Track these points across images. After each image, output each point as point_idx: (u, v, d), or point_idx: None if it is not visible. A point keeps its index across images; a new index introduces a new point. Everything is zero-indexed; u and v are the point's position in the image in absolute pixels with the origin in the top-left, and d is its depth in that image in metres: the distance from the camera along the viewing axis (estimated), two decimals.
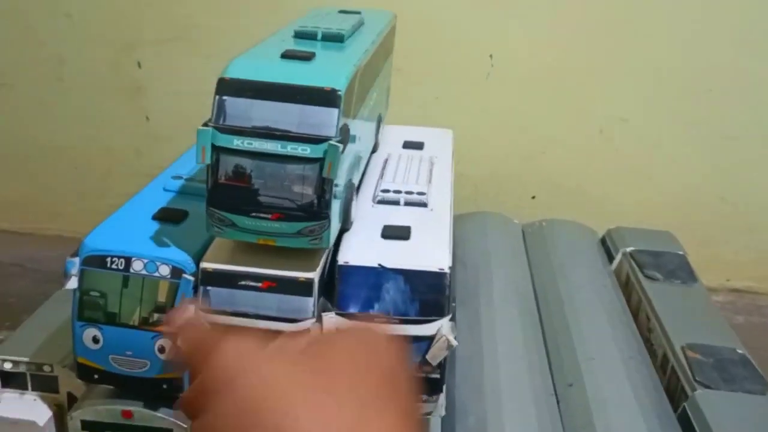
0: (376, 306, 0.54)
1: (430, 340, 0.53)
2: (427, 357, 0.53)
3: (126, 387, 0.57)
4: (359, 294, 0.54)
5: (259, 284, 0.53)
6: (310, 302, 0.53)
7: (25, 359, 0.61)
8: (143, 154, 1.09)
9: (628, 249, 0.86)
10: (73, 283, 0.54)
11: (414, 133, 0.82)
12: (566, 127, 1.03)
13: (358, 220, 0.61)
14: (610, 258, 0.87)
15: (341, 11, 0.73)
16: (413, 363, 0.53)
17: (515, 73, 1.01)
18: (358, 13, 0.72)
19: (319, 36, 0.59)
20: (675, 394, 0.64)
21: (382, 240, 0.57)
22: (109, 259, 0.54)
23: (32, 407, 0.60)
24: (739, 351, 0.66)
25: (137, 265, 0.54)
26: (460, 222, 0.92)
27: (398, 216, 0.62)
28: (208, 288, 0.53)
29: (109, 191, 1.07)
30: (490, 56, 1.00)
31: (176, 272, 0.53)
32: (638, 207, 1.04)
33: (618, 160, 1.04)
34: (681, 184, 1.05)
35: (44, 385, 0.61)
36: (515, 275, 0.81)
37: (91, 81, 1.08)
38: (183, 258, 0.54)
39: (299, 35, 0.59)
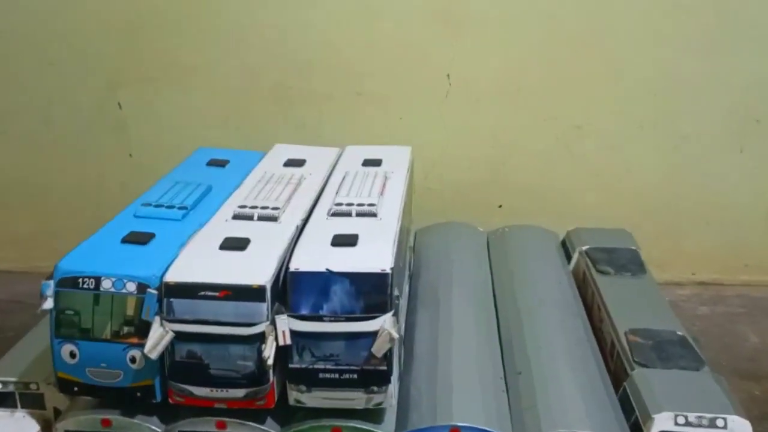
0: (325, 307, 0.59)
1: (374, 334, 0.58)
2: (373, 350, 0.58)
3: (104, 397, 0.62)
4: (309, 297, 0.59)
5: (217, 293, 0.58)
6: (263, 307, 0.58)
7: (14, 379, 0.66)
8: (129, 187, 1.15)
9: (584, 248, 0.91)
10: (49, 304, 0.59)
11: (373, 152, 0.88)
12: (525, 138, 1.09)
13: (312, 232, 0.67)
14: (569, 258, 0.92)
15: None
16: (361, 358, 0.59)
17: (473, 90, 1.07)
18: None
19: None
20: (618, 376, 0.68)
21: (332, 247, 0.63)
22: (81, 280, 0.59)
23: (21, 424, 0.65)
24: (679, 333, 0.71)
25: (106, 284, 0.59)
26: (427, 232, 0.98)
27: (349, 226, 0.67)
28: (172, 300, 0.58)
29: (101, 225, 1.13)
30: (448, 76, 1.06)
31: (142, 288, 0.59)
32: (599, 208, 1.09)
33: (577, 165, 1.09)
34: (638, 183, 1.09)
35: (32, 402, 0.67)
36: (475, 277, 0.85)
37: (76, 124, 1.15)
38: (148, 274, 0.59)
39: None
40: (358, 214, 0.69)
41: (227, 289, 0.58)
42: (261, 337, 0.58)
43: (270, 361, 0.58)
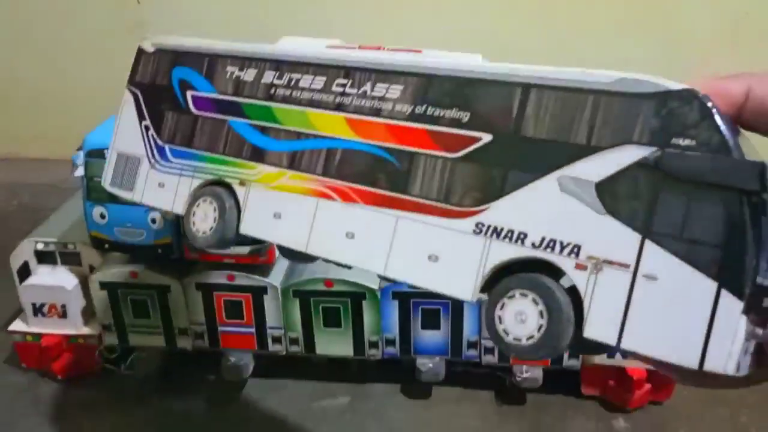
0: None
1: None
2: None
3: (130, 252, 0.72)
4: None
5: None
6: None
7: (54, 240, 0.77)
8: None
9: None
10: (80, 172, 0.69)
11: None
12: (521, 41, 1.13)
13: None
14: None
15: None
16: None
17: None
18: None
19: None
20: None
21: None
22: (106, 151, 0.68)
23: (61, 276, 0.76)
24: None
25: None
26: None
27: None
28: None
29: None
30: None
31: None
32: None
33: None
34: None
35: (70, 259, 0.77)
36: None
37: (96, 22, 1.22)
38: None
39: None
40: None
41: None
42: None
43: None
